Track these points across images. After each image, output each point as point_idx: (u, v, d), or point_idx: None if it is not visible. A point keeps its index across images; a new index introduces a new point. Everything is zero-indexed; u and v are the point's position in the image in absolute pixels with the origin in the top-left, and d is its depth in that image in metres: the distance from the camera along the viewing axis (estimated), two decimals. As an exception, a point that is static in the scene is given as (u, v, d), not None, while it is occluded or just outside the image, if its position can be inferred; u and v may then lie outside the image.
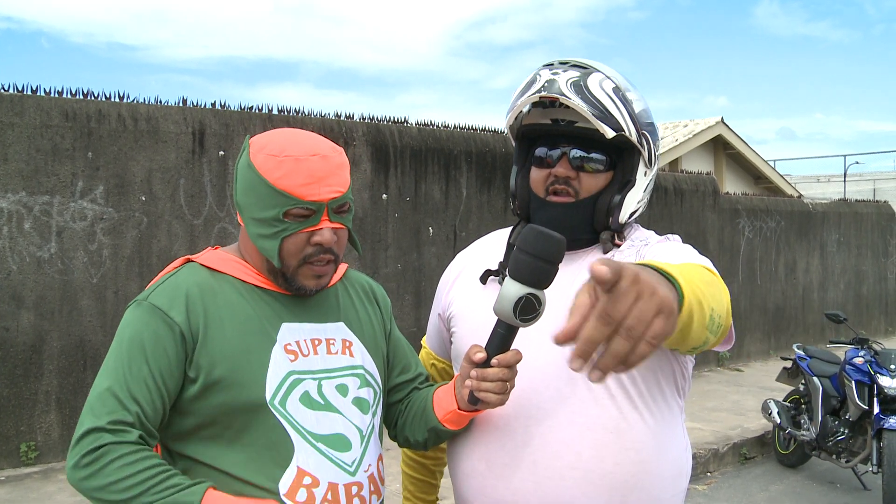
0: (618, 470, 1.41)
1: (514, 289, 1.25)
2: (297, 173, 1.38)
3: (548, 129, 1.54)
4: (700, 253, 1.47)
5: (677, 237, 1.62)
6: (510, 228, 1.68)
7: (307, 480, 1.36)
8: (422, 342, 1.84)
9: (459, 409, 1.48)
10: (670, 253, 1.47)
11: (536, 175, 1.56)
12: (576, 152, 1.52)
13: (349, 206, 1.46)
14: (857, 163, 24.87)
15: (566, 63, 1.51)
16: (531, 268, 1.25)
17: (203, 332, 1.38)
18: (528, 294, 1.25)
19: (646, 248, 1.53)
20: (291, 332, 1.45)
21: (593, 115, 1.44)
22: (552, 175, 1.52)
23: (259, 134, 1.48)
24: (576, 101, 1.44)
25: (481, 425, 1.50)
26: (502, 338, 1.34)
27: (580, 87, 1.46)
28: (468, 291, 1.60)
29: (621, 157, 1.54)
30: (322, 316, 1.51)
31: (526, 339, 1.44)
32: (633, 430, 1.43)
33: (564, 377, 1.44)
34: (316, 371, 1.44)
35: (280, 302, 1.47)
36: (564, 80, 1.46)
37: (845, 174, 22.82)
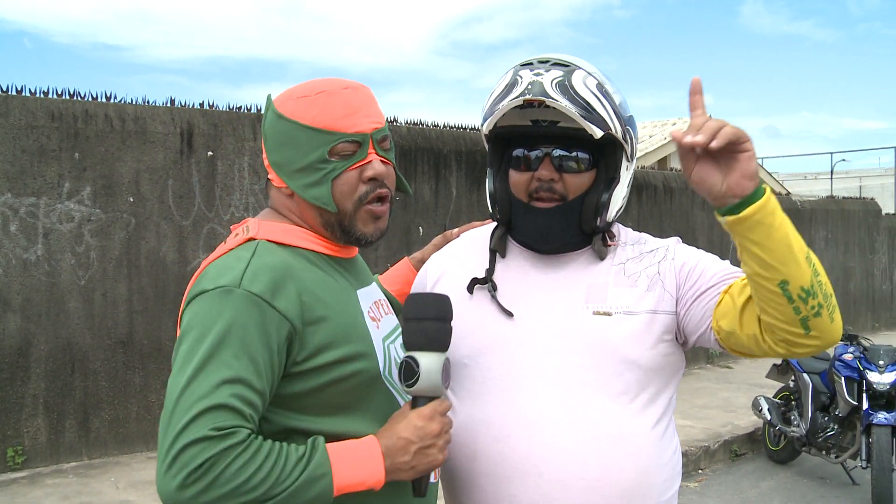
0: (623, 476, 1.40)
1: (433, 360, 1.28)
2: (334, 107, 1.30)
3: (527, 130, 1.47)
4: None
5: (678, 238, 1.62)
6: (485, 231, 1.64)
7: None
8: None
9: None
10: (701, 256, 1.51)
11: (518, 178, 1.50)
12: (558, 153, 1.46)
13: (391, 142, 1.39)
14: (844, 160, 24.90)
15: (546, 61, 1.45)
16: (440, 331, 1.30)
17: (310, 315, 1.25)
18: (446, 359, 1.30)
19: (650, 253, 1.55)
20: (364, 299, 1.40)
21: (581, 115, 1.40)
22: (535, 179, 1.47)
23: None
24: (563, 103, 1.39)
25: (480, 438, 1.43)
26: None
27: (565, 87, 1.41)
28: (454, 299, 1.50)
29: (603, 153, 1.49)
30: (367, 277, 1.48)
31: (526, 345, 1.44)
32: (635, 436, 1.41)
33: (566, 384, 1.41)
34: (388, 335, 1.42)
35: (344, 267, 1.40)
36: (549, 80, 1.41)
37: (832, 171, 23.01)
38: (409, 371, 1.27)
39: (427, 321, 1.30)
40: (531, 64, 1.46)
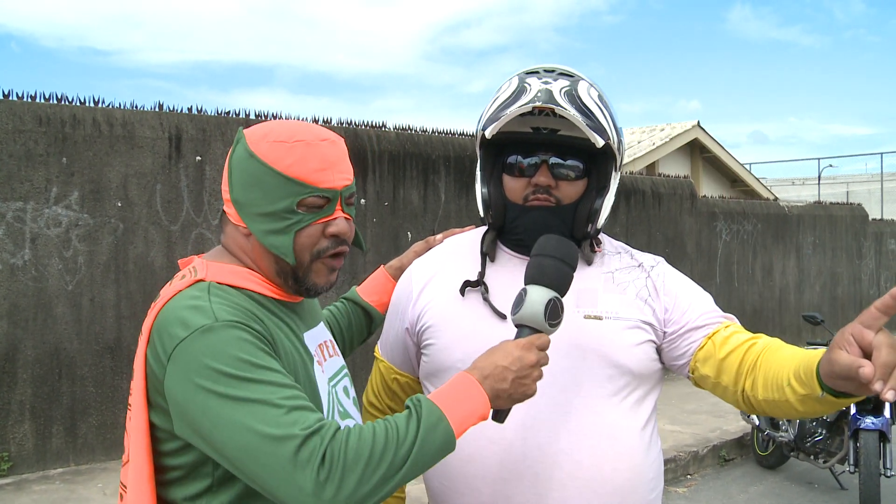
0: (616, 476, 1.43)
1: (542, 293, 1.29)
2: (310, 159, 1.27)
3: (527, 137, 1.49)
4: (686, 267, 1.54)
5: (662, 259, 1.66)
6: (470, 237, 1.64)
7: None
8: (376, 356, 1.75)
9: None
10: (688, 287, 1.58)
11: (514, 184, 1.52)
12: (554, 160, 1.49)
13: (355, 197, 1.38)
14: (831, 166, 25.04)
15: (552, 71, 1.49)
16: (558, 272, 1.32)
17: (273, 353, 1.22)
18: (555, 298, 1.30)
19: (638, 267, 1.58)
20: (310, 341, 1.37)
21: (586, 125, 1.42)
22: (532, 185, 1.49)
23: (250, 127, 1.36)
24: (571, 112, 1.42)
25: (475, 441, 1.43)
26: None
27: (573, 97, 1.44)
28: (445, 303, 1.54)
29: (594, 162, 1.53)
30: (314, 318, 1.45)
31: None
32: (626, 436, 1.45)
33: (558, 385, 1.44)
34: (333, 376, 1.39)
35: (292, 310, 1.36)
36: (557, 89, 1.44)
37: (819, 177, 23.15)
38: (517, 300, 1.30)
39: (547, 258, 1.33)
40: (537, 73, 1.49)
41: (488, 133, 1.48)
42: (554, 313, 1.29)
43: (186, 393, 1.13)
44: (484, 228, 1.63)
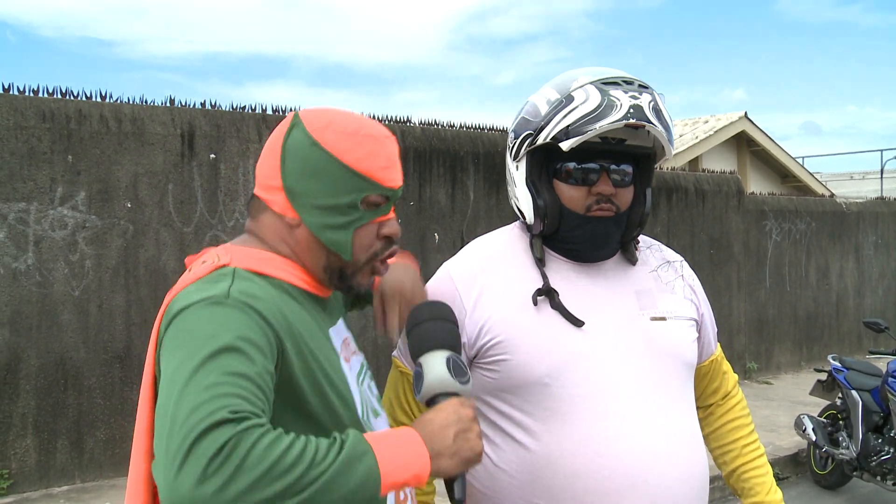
0: (703, 472, 1.51)
1: (435, 357, 1.25)
2: (378, 155, 1.25)
3: (593, 146, 1.48)
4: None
5: (680, 256, 1.75)
6: (503, 242, 1.62)
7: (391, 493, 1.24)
8: (399, 366, 1.62)
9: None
10: (704, 295, 1.70)
11: (573, 192, 1.51)
12: (615, 168, 1.51)
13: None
14: None
15: (631, 82, 1.48)
16: (440, 330, 1.29)
17: (298, 353, 1.16)
18: (450, 356, 1.25)
19: (671, 265, 1.68)
20: (335, 337, 1.32)
21: (667, 139, 1.47)
22: (595, 194, 1.50)
23: (305, 110, 1.28)
24: (659, 129, 1.45)
25: (580, 458, 1.43)
26: None
27: (659, 112, 1.46)
28: (513, 314, 1.50)
29: (639, 167, 1.56)
30: (336, 314, 1.39)
31: (601, 358, 1.47)
32: (699, 434, 1.55)
33: (644, 392, 1.47)
34: (358, 373, 1.35)
35: (320, 304, 1.31)
36: (647, 104, 1.45)
37: (882, 171, 21.87)
38: (416, 377, 1.25)
39: (423, 324, 1.31)
40: (617, 83, 1.47)
41: (567, 146, 1.46)
42: (458, 369, 1.24)
43: (167, 351, 1.08)
44: (510, 231, 1.64)
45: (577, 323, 1.48)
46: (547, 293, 1.50)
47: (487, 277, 1.56)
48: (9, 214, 4.77)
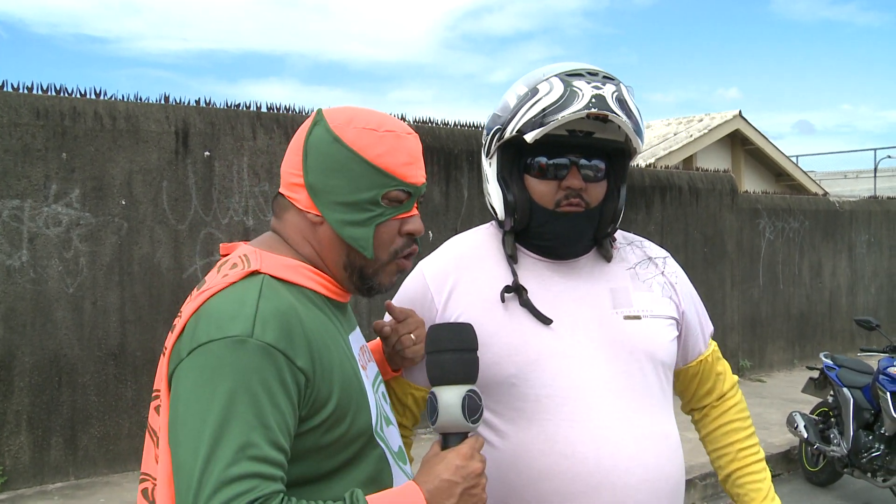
0: (674, 473, 1.49)
1: (453, 393, 1.23)
2: (399, 151, 1.25)
3: (560, 140, 1.46)
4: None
5: (667, 252, 1.71)
6: (477, 240, 1.61)
7: None
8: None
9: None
10: (693, 293, 1.67)
11: (542, 187, 1.49)
12: (585, 162, 1.48)
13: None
14: (889, 157, 22.94)
15: (596, 74, 1.46)
16: (460, 363, 1.26)
17: (320, 365, 1.16)
18: (468, 392, 1.23)
19: (651, 262, 1.63)
20: (353, 344, 1.32)
21: (634, 130, 1.44)
22: (564, 188, 1.48)
23: (328, 108, 1.29)
24: (623, 118, 1.42)
25: (546, 458, 1.42)
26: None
27: (623, 102, 1.44)
28: (482, 312, 1.48)
29: (613, 163, 1.54)
30: (353, 321, 1.39)
31: (571, 357, 1.45)
32: (672, 433, 1.52)
33: (615, 391, 1.45)
34: (373, 381, 1.34)
35: (340, 310, 1.32)
36: (609, 94, 1.43)
37: (875, 170, 21.88)
38: (430, 407, 1.24)
39: (445, 353, 1.27)
40: (580, 75, 1.45)
41: (531, 138, 1.43)
42: (473, 409, 1.23)
43: (185, 387, 1.09)
44: (485, 230, 1.62)
45: (546, 321, 1.46)
46: (515, 290, 1.49)
47: (459, 275, 1.54)
48: (3, 211, 4.77)
